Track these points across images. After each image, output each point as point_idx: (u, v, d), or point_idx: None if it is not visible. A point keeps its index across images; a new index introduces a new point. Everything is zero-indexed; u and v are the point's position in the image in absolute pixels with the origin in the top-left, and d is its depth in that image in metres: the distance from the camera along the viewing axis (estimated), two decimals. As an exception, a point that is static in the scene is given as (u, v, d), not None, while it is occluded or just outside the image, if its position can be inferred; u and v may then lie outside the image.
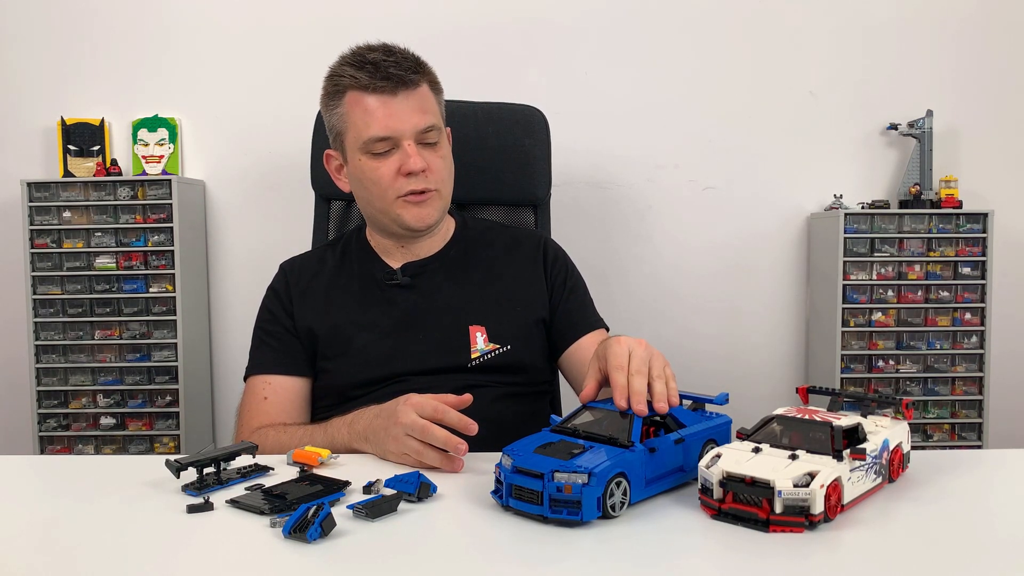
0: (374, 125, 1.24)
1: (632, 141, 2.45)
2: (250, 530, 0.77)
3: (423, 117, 1.26)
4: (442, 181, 1.30)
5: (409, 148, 1.24)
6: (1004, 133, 2.47)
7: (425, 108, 1.27)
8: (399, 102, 1.24)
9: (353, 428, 1.09)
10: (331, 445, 1.10)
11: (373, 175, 1.26)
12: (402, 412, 0.98)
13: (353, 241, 1.41)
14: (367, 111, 1.24)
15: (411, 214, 1.28)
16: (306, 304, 1.33)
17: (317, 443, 1.12)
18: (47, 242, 2.29)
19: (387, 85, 1.23)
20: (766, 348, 2.53)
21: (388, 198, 1.27)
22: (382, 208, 1.29)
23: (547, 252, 1.41)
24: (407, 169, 1.24)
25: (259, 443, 1.18)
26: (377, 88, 1.23)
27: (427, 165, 1.26)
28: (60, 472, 1.03)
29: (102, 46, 2.42)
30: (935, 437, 2.35)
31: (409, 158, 1.24)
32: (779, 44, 2.44)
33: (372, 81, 1.23)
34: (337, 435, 1.10)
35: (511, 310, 1.33)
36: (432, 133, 1.27)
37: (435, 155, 1.28)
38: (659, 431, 0.87)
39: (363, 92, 1.25)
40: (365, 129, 1.25)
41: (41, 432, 2.31)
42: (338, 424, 1.12)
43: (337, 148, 1.33)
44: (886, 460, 0.86)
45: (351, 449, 1.07)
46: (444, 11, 2.40)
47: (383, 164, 1.26)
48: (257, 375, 1.31)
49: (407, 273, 1.33)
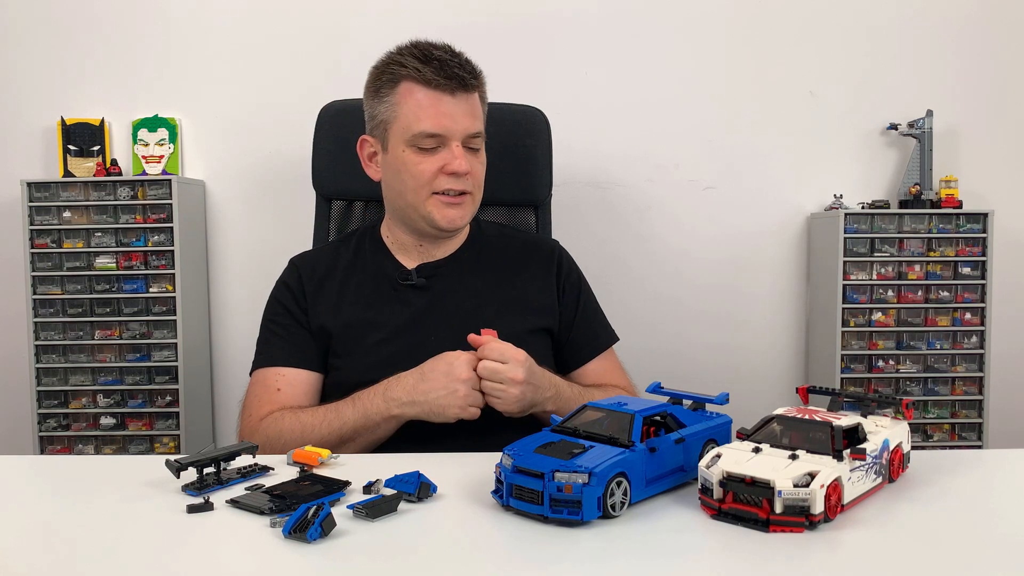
0: (426, 120, 1.25)
1: (632, 141, 2.45)
2: (250, 530, 0.77)
3: (474, 122, 1.28)
4: (478, 186, 1.32)
5: (456, 149, 1.26)
6: (1004, 133, 2.48)
7: (476, 114, 1.29)
8: (455, 103, 1.25)
9: (390, 395, 1.12)
10: (364, 416, 1.13)
11: (415, 169, 1.27)
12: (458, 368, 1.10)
13: (367, 239, 1.41)
14: (421, 105, 1.25)
15: (442, 214, 1.29)
16: (320, 301, 1.33)
17: (345, 418, 1.15)
18: (47, 242, 2.29)
19: (448, 84, 1.24)
20: (766, 348, 2.53)
21: (423, 194, 1.28)
22: (414, 202, 1.30)
23: (561, 264, 1.42)
24: (451, 169, 1.26)
25: (274, 426, 1.19)
26: (439, 85, 1.24)
27: (469, 169, 1.27)
28: (60, 472, 1.03)
29: (102, 46, 2.42)
30: (935, 437, 2.35)
31: (455, 159, 1.25)
32: (779, 44, 2.44)
33: (436, 77, 1.24)
34: (371, 406, 1.13)
35: (523, 315, 1.33)
36: (478, 139, 1.29)
37: (476, 160, 1.30)
38: (659, 431, 0.87)
39: (422, 86, 1.25)
40: (416, 123, 1.25)
41: (41, 432, 2.31)
42: (368, 396, 1.14)
43: (377, 136, 1.32)
44: (886, 460, 0.86)
45: (390, 417, 1.11)
46: (444, 11, 2.40)
47: (427, 160, 1.26)
48: (268, 367, 1.29)
49: (422, 274, 1.34)
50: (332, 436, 1.14)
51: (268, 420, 1.21)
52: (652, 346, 2.45)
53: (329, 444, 1.12)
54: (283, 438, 1.16)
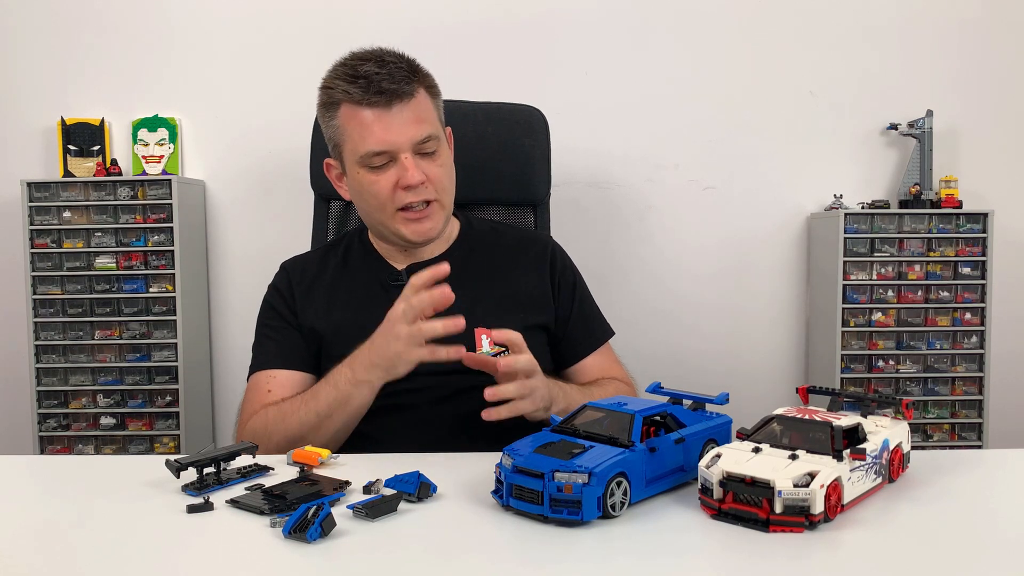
0: (370, 139, 1.22)
1: (632, 141, 2.45)
2: (250, 530, 0.77)
3: (419, 128, 1.24)
4: (442, 190, 1.28)
5: (407, 161, 1.22)
6: (1004, 133, 2.48)
7: (421, 118, 1.25)
8: (394, 115, 1.22)
9: (355, 364, 1.13)
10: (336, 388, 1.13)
11: (372, 188, 1.25)
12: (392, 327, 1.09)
13: (355, 242, 1.41)
14: (363, 125, 1.22)
15: (410, 229, 1.28)
16: (310, 304, 1.33)
17: (320, 395, 1.15)
18: (47, 242, 2.29)
19: (380, 99, 1.21)
20: (766, 348, 2.53)
21: (387, 211, 1.26)
22: (382, 220, 1.29)
23: (555, 259, 1.41)
24: (405, 183, 1.23)
25: (259, 422, 1.19)
26: (372, 102, 1.21)
27: (425, 177, 1.24)
28: (60, 472, 1.03)
29: (102, 46, 2.42)
30: (935, 437, 2.35)
31: (407, 171, 1.22)
32: (779, 44, 2.44)
33: (365, 96, 1.21)
34: (339, 377, 1.14)
35: (516, 313, 1.32)
36: (430, 143, 1.25)
37: (433, 164, 1.26)
38: (659, 431, 0.87)
39: (357, 106, 1.23)
40: (361, 143, 1.23)
41: (41, 432, 2.31)
42: (337, 369, 1.15)
43: (336, 158, 1.32)
44: (886, 460, 0.86)
45: (357, 382, 1.12)
46: (444, 11, 2.40)
47: (381, 178, 1.24)
48: (261, 371, 1.30)
49: (412, 274, 1.33)
50: (310, 415, 1.14)
51: (255, 418, 1.21)
52: (652, 346, 2.46)
53: (309, 425, 1.13)
54: (268, 429, 1.16)
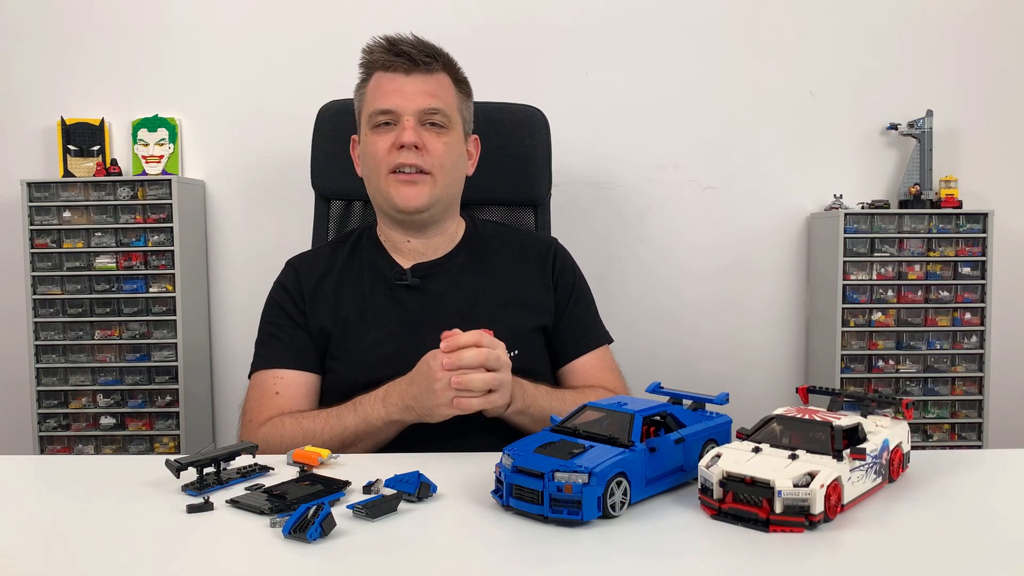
0: (380, 98, 1.28)
1: (632, 141, 2.45)
2: (250, 530, 0.77)
3: (430, 99, 1.28)
4: (439, 166, 1.29)
5: (407, 122, 1.26)
6: (1004, 133, 2.48)
7: (436, 93, 1.29)
8: (410, 81, 1.28)
9: (388, 402, 1.12)
10: (366, 423, 1.13)
11: (371, 148, 1.28)
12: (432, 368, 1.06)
13: (364, 237, 1.41)
14: (379, 86, 1.29)
15: (398, 192, 1.28)
16: (318, 303, 1.33)
17: (347, 423, 1.14)
18: (47, 242, 2.29)
19: (401, 62, 1.27)
20: (766, 348, 2.53)
21: (382, 172, 1.29)
22: (377, 184, 1.31)
23: (556, 260, 1.41)
24: (399, 142, 1.26)
25: (275, 432, 1.18)
26: (394, 66, 1.27)
27: (423, 144, 1.26)
28: (60, 472, 1.03)
29: (102, 46, 2.42)
30: (935, 437, 2.35)
31: (404, 131, 1.26)
32: (779, 44, 2.44)
33: (390, 59, 1.27)
34: (372, 412, 1.13)
35: (519, 315, 1.32)
36: (438, 116, 1.28)
37: (437, 139, 1.29)
38: (659, 431, 0.87)
39: (382, 71, 1.29)
40: (372, 102, 1.29)
41: (41, 432, 2.31)
42: (369, 401, 1.14)
43: (357, 131, 1.36)
44: (886, 460, 0.86)
45: (391, 422, 1.11)
46: (444, 11, 2.40)
47: (381, 138, 1.28)
48: (266, 369, 1.29)
49: (417, 274, 1.33)
50: (334, 441, 1.14)
51: (268, 426, 1.20)
52: (652, 346, 2.46)
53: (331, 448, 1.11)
54: (284, 444, 1.15)
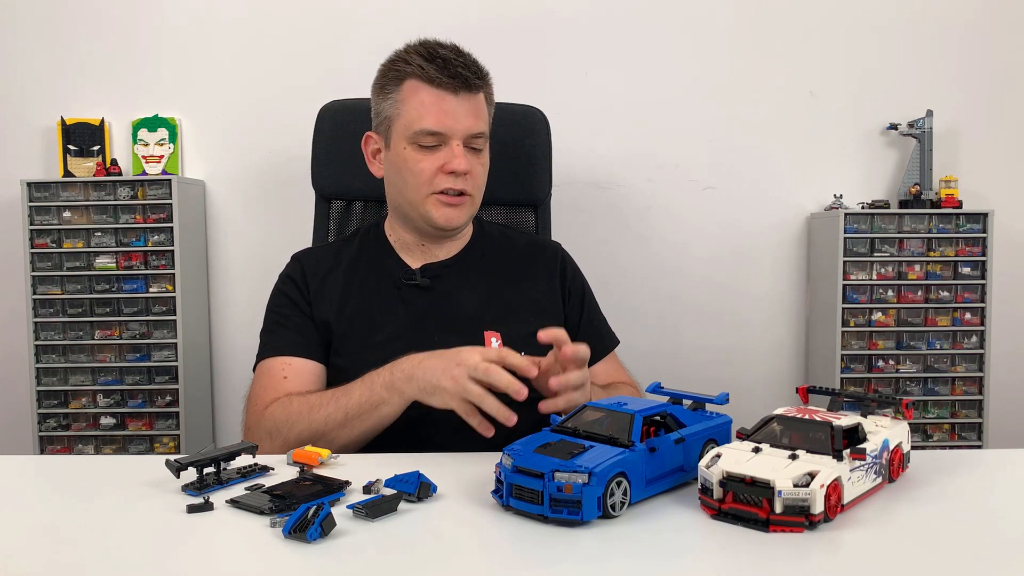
0: (428, 118, 1.25)
1: (632, 141, 2.45)
2: (250, 530, 0.77)
3: (476, 122, 1.27)
4: (478, 188, 1.31)
5: (456, 148, 1.25)
6: (1004, 133, 2.48)
7: (479, 114, 1.28)
8: (458, 102, 1.25)
9: (396, 369, 1.10)
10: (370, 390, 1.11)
11: (415, 167, 1.27)
12: (467, 353, 1.02)
13: (371, 237, 1.41)
14: (423, 103, 1.25)
15: (441, 213, 1.29)
16: (324, 296, 1.32)
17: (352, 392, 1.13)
18: (47, 242, 2.29)
19: (452, 83, 1.25)
20: (766, 348, 2.53)
21: (423, 192, 1.28)
22: (413, 200, 1.29)
23: (565, 267, 1.42)
24: (450, 168, 1.25)
25: (281, 410, 1.17)
26: (442, 83, 1.25)
27: (469, 169, 1.27)
28: (60, 472, 1.03)
29: (102, 46, 2.42)
30: (935, 437, 2.35)
31: (455, 158, 1.25)
32: (779, 44, 2.44)
33: (439, 75, 1.24)
34: (377, 378, 1.11)
35: (526, 317, 1.32)
36: (480, 140, 1.29)
37: (477, 161, 1.30)
38: (659, 431, 0.87)
39: (425, 84, 1.25)
40: (418, 120, 1.25)
41: (41, 432, 2.31)
42: (377, 371, 1.12)
43: (381, 133, 1.33)
44: (886, 460, 0.86)
45: (392, 388, 1.09)
46: (444, 10, 2.40)
47: (427, 158, 1.26)
48: (274, 357, 1.28)
49: (426, 275, 1.33)
50: (339, 412, 1.12)
51: (275, 405, 1.19)
52: (652, 346, 2.46)
53: (335, 422, 1.11)
54: (291, 419, 1.14)
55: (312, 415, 1.13)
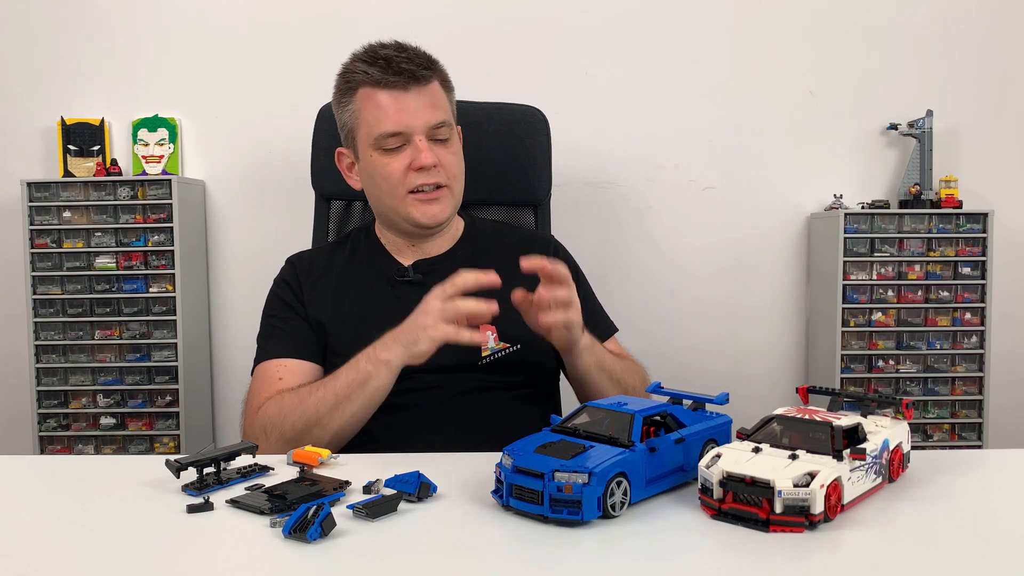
0: (385, 120, 1.24)
1: (632, 141, 2.45)
2: (250, 530, 0.77)
3: (434, 113, 1.26)
4: (453, 177, 1.30)
5: (420, 143, 1.25)
6: (1004, 133, 2.48)
7: (436, 104, 1.27)
8: (411, 98, 1.25)
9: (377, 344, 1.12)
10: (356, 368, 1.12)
11: (384, 171, 1.27)
12: (427, 302, 1.08)
13: (362, 239, 1.41)
14: (379, 107, 1.25)
15: (421, 212, 1.28)
16: (317, 299, 1.33)
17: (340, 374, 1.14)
18: (47, 242, 2.29)
19: (399, 80, 1.24)
20: (766, 348, 2.53)
21: (399, 194, 1.28)
22: (392, 205, 1.30)
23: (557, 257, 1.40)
24: (418, 164, 1.25)
25: (275, 407, 1.18)
26: (389, 83, 1.24)
27: (438, 161, 1.26)
28: (60, 472, 1.03)
29: (102, 46, 2.42)
30: (935, 437, 2.35)
31: (420, 153, 1.24)
32: (779, 44, 2.44)
33: (384, 76, 1.24)
34: (360, 359, 1.13)
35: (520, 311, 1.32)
36: (443, 129, 1.28)
37: (446, 151, 1.29)
38: (659, 431, 0.87)
39: (375, 88, 1.25)
40: (377, 125, 1.25)
41: (41, 432, 2.31)
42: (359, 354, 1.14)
43: (349, 146, 1.33)
44: (886, 460, 0.86)
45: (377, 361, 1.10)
46: (444, 10, 2.40)
47: (394, 160, 1.26)
48: (270, 360, 1.29)
49: (419, 270, 1.33)
50: (328, 396, 1.13)
51: (268, 404, 1.20)
52: (652, 346, 2.45)
53: (327, 406, 1.12)
54: (283, 412, 1.15)
55: (304, 404, 1.14)
